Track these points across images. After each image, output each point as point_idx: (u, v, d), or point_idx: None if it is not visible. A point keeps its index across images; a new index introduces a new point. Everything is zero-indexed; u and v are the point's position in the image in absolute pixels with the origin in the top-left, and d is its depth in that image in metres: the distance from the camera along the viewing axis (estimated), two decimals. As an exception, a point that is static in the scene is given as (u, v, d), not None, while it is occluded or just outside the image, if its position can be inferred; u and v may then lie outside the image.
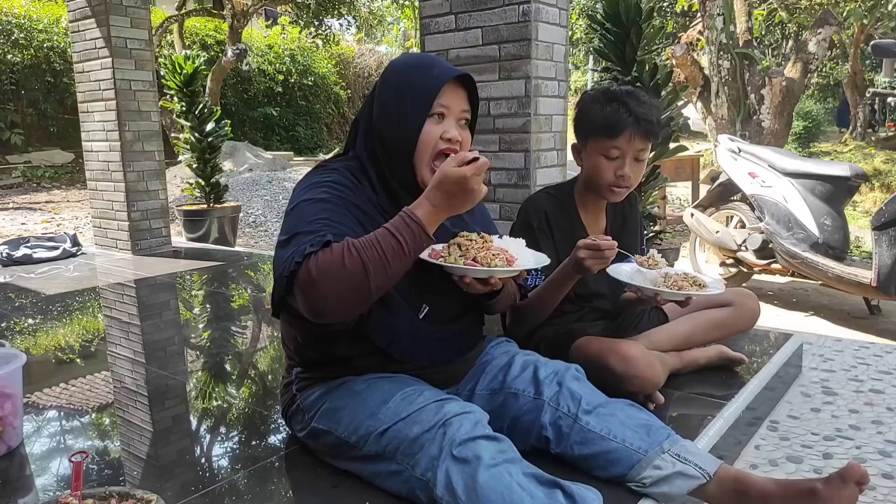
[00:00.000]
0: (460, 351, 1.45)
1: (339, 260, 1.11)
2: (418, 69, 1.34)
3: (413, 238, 1.16)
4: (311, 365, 1.43)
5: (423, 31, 2.95)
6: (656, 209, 3.44)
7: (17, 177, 9.48)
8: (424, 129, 1.30)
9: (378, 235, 1.15)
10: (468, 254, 1.26)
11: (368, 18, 14.89)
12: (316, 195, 1.26)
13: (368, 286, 1.12)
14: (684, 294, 1.54)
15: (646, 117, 1.63)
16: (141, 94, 4.44)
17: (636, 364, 1.57)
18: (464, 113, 1.36)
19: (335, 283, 1.11)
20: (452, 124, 1.33)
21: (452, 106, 1.33)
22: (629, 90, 1.70)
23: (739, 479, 1.23)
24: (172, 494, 1.32)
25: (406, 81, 1.33)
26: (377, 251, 1.13)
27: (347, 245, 1.13)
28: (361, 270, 1.11)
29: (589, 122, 1.70)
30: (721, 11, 7.07)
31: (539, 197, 1.83)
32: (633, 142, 1.64)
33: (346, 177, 1.32)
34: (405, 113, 1.31)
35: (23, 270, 3.92)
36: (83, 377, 2.12)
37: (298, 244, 1.15)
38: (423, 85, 1.31)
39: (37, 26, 10.22)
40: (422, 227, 1.16)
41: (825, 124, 12.18)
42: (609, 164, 1.67)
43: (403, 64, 1.39)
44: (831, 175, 3.58)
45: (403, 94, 1.32)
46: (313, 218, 1.21)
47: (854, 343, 2.66)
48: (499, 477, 1.08)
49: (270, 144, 12.56)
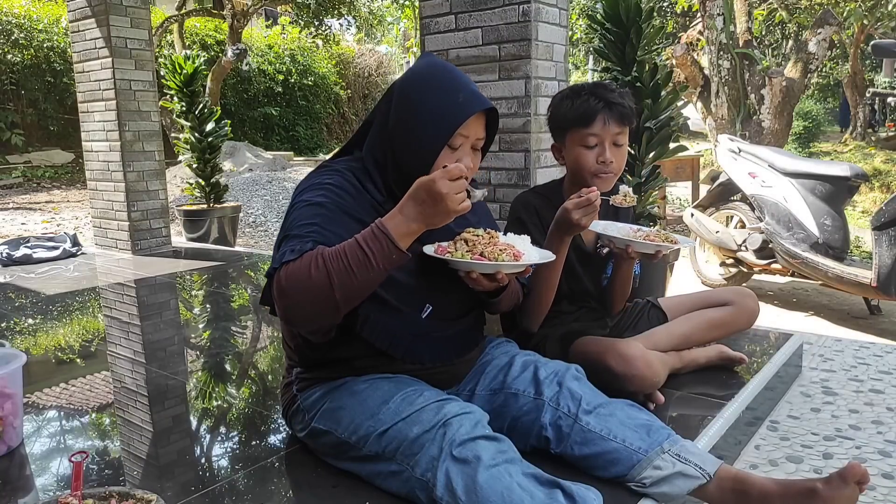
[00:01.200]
0: (461, 351, 1.45)
1: (306, 269, 1.12)
2: (444, 93, 1.28)
3: (381, 250, 1.13)
4: (311, 365, 1.42)
5: (423, 31, 2.95)
6: (656, 209, 3.43)
7: (17, 177, 9.48)
8: (440, 157, 1.28)
9: (346, 246, 1.14)
10: (475, 249, 1.26)
11: (368, 18, 14.87)
12: (313, 197, 1.26)
13: (334, 296, 1.12)
14: (655, 246, 1.56)
15: (616, 101, 1.65)
16: (141, 94, 4.44)
17: (635, 363, 1.57)
18: (479, 140, 1.33)
19: (302, 292, 1.12)
20: (467, 151, 1.31)
21: (471, 135, 1.31)
22: (597, 82, 1.74)
23: (739, 478, 1.23)
24: (172, 494, 1.32)
25: (429, 103, 1.28)
26: (343, 262, 1.12)
27: (316, 255, 1.13)
28: (326, 280, 1.11)
29: (562, 118, 1.73)
30: (721, 11, 7.07)
31: (527, 195, 1.84)
32: (608, 126, 1.66)
33: (347, 179, 1.31)
34: (423, 136, 1.28)
35: (23, 270, 3.92)
36: (83, 377, 2.12)
37: (283, 249, 1.17)
38: (448, 113, 1.27)
39: (37, 26, 10.22)
40: (390, 238, 1.13)
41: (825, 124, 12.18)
42: (589, 153, 1.68)
43: (428, 81, 1.31)
44: (831, 175, 3.58)
45: (424, 118, 1.28)
46: (304, 222, 1.22)
47: (854, 343, 2.66)
48: (499, 477, 1.08)
49: (270, 144, 12.56)
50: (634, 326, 1.93)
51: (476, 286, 1.27)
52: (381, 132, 1.34)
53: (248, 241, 6.50)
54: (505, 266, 1.24)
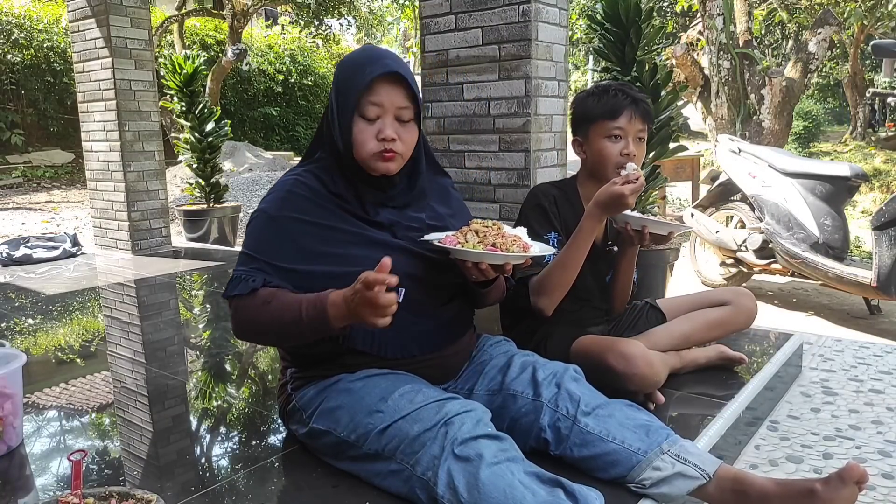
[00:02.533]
0: (448, 339, 1.45)
1: (254, 312, 1.27)
2: (355, 67, 1.33)
3: (315, 329, 1.22)
4: (304, 364, 1.43)
5: (423, 31, 2.95)
6: (656, 209, 3.43)
7: (17, 177, 9.48)
8: (356, 129, 1.31)
9: (289, 307, 1.24)
10: (486, 240, 1.29)
11: (368, 18, 14.87)
12: (269, 209, 1.34)
13: (275, 340, 1.41)
14: (668, 226, 1.64)
15: (643, 99, 1.75)
16: (141, 94, 4.44)
17: (636, 363, 1.57)
18: (402, 110, 1.32)
19: (248, 328, 1.32)
20: (388, 122, 1.31)
21: (386, 103, 1.30)
22: (623, 82, 1.84)
23: (739, 478, 1.23)
24: (172, 494, 1.32)
25: (341, 79, 1.35)
26: (281, 322, 1.24)
27: (262, 302, 1.26)
28: (268, 328, 1.28)
29: (588, 112, 1.78)
30: (721, 11, 7.06)
31: (546, 186, 1.88)
32: (633, 122, 1.73)
33: (305, 182, 1.36)
34: (338, 110, 1.33)
35: (23, 270, 3.92)
36: (83, 377, 2.12)
37: (237, 272, 1.31)
38: (353, 84, 1.31)
39: (37, 26, 10.22)
40: (325, 313, 1.19)
41: (825, 124, 12.18)
42: (613, 146, 1.73)
43: (345, 60, 1.38)
44: (831, 175, 3.58)
45: (337, 93, 1.34)
46: (259, 237, 1.33)
47: (854, 343, 2.66)
48: (501, 475, 1.08)
49: (270, 144, 12.56)
50: (634, 326, 1.93)
51: (480, 277, 1.30)
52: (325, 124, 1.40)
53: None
54: (514, 257, 1.27)
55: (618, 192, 1.54)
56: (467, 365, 1.52)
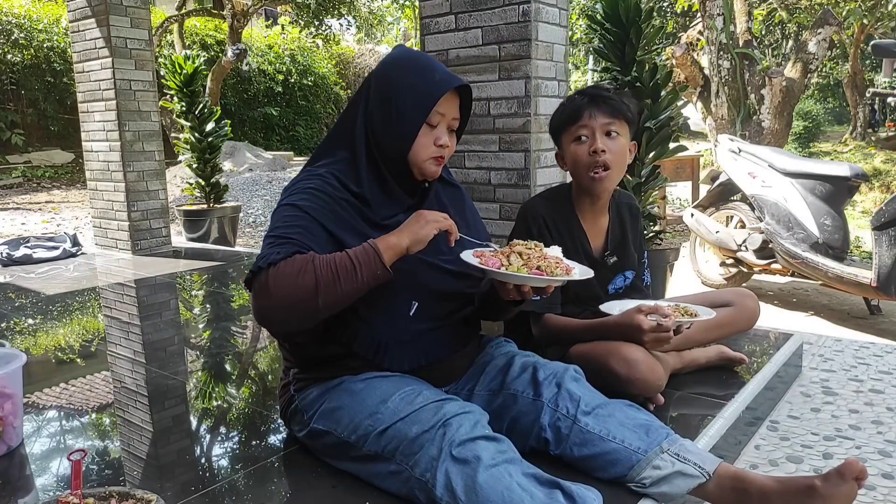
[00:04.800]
0: (455, 348, 1.45)
1: (296, 272, 1.17)
2: (419, 73, 1.35)
3: (368, 264, 1.20)
4: (307, 365, 1.43)
5: (423, 31, 2.95)
6: (656, 209, 3.43)
7: (17, 177, 9.48)
8: (420, 134, 1.34)
9: (336, 256, 1.21)
10: (530, 263, 1.29)
11: (368, 18, 14.88)
12: (297, 201, 1.30)
13: (316, 302, 1.17)
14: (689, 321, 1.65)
15: (600, 95, 1.71)
16: (141, 94, 4.44)
17: (638, 367, 1.56)
18: (454, 121, 1.39)
19: (287, 294, 1.17)
20: (444, 130, 1.37)
21: (447, 113, 1.37)
22: (591, 86, 1.82)
23: (739, 477, 1.23)
24: (172, 494, 1.32)
25: (408, 82, 1.34)
26: (331, 269, 1.18)
27: (307, 259, 1.19)
28: (313, 285, 1.17)
29: (555, 124, 1.78)
30: (721, 11, 7.07)
31: (535, 203, 1.84)
32: (594, 118, 1.69)
33: (328, 182, 1.34)
34: (404, 114, 1.33)
35: (23, 270, 3.92)
36: (83, 377, 2.12)
37: (267, 249, 1.23)
38: (424, 91, 1.33)
39: (37, 26, 10.22)
40: (378, 254, 1.20)
41: (825, 124, 12.19)
42: (582, 147, 1.71)
43: (403, 61, 1.38)
44: (831, 175, 3.58)
45: (403, 96, 1.33)
46: (288, 224, 1.27)
47: (854, 343, 2.66)
48: (498, 477, 1.08)
49: (270, 144, 12.56)
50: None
51: (517, 297, 1.31)
52: (363, 121, 1.38)
53: (248, 241, 6.50)
54: (558, 280, 1.29)
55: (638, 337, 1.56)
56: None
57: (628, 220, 1.89)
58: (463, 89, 1.39)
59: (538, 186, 2.70)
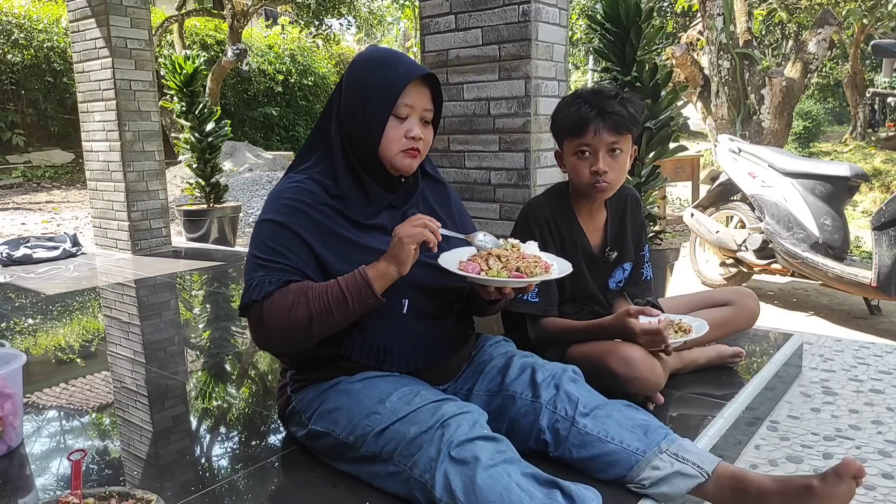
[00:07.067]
0: (451, 349, 1.45)
1: (289, 305, 1.24)
2: (383, 66, 1.35)
3: (358, 293, 1.24)
4: (303, 367, 1.43)
5: (423, 31, 2.95)
6: (656, 209, 3.43)
7: (17, 177, 9.48)
8: (388, 127, 1.34)
9: (329, 287, 1.25)
10: (509, 265, 1.29)
11: (368, 18, 14.87)
12: (277, 217, 1.32)
13: (311, 332, 1.25)
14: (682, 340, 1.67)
15: (610, 109, 1.61)
16: (141, 94, 4.44)
17: (637, 366, 1.56)
18: (426, 112, 1.38)
19: (282, 327, 1.25)
20: (416, 122, 1.36)
21: (416, 105, 1.35)
22: (597, 89, 1.70)
23: (738, 476, 1.23)
24: (172, 494, 1.32)
25: (373, 77, 1.35)
26: (323, 302, 1.24)
27: (299, 292, 1.24)
28: (306, 318, 1.24)
29: (559, 126, 1.72)
30: (721, 11, 7.07)
31: (538, 202, 1.82)
32: (600, 136, 1.62)
33: (309, 189, 1.35)
34: (370, 108, 1.33)
35: (23, 270, 3.92)
36: (83, 377, 2.12)
37: (256, 277, 1.27)
38: (388, 84, 1.33)
39: (37, 26, 10.23)
40: (369, 283, 1.23)
41: (825, 124, 12.18)
42: (583, 163, 1.67)
43: (368, 59, 1.39)
44: (831, 175, 3.58)
45: (368, 92, 1.34)
46: (275, 243, 1.30)
47: (854, 343, 2.66)
48: (497, 477, 1.08)
49: (270, 144, 12.56)
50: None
51: (498, 296, 1.32)
52: (336, 121, 1.39)
53: (248, 241, 6.50)
54: (538, 281, 1.30)
55: (632, 338, 1.58)
56: (467, 365, 1.52)
57: (629, 211, 1.86)
58: (432, 79, 1.38)
59: (538, 186, 2.70)
